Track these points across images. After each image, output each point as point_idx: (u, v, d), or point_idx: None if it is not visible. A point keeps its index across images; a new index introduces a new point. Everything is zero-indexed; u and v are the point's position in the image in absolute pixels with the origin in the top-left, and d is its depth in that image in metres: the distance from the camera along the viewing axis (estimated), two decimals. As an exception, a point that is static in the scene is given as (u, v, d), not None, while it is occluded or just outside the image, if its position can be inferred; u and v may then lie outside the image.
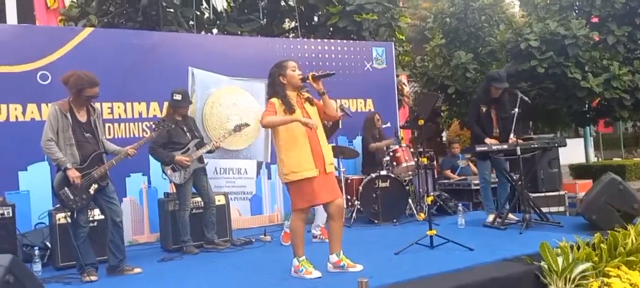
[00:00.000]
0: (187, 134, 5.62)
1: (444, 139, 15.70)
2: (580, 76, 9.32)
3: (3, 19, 11.98)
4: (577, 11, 10.46)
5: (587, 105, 10.67)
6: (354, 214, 6.64)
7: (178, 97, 5.55)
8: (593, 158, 16.39)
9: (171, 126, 5.33)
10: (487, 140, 5.83)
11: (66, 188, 4.46)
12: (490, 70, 6.94)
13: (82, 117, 4.59)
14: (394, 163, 6.80)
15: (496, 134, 6.00)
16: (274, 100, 4.10)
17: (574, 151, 15.61)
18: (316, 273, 4.06)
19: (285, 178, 4.09)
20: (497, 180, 6.32)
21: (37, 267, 4.86)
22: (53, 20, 9.61)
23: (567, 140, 6.47)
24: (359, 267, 4.20)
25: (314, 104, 4.24)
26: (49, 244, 5.29)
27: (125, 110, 6.39)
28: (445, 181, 8.51)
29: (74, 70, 4.60)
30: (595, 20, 10.24)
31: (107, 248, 4.69)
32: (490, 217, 5.97)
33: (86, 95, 4.50)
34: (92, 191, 4.56)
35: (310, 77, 4.10)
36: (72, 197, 4.48)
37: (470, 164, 8.77)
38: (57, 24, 8.97)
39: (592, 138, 16.42)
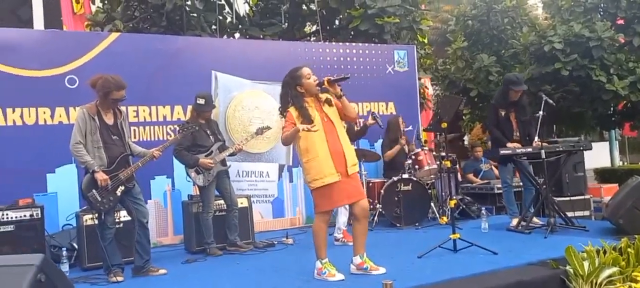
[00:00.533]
0: (210, 137, 5.69)
1: (466, 142, 15.57)
2: (606, 79, 9.17)
3: (30, 25, 12.26)
4: (602, 13, 10.28)
5: (612, 109, 10.50)
6: (376, 218, 6.64)
7: (201, 101, 5.62)
8: (618, 162, 16.09)
9: (195, 128, 5.40)
10: (509, 144, 5.78)
11: (94, 191, 4.55)
12: (507, 74, 6.87)
13: (109, 119, 4.68)
14: (416, 166, 6.79)
15: (516, 137, 5.95)
16: (291, 109, 4.09)
17: (599, 155, 15.34)
18: (339, 276, 4.07)
19: (309, 185, 4.13)
20: (520, 183, 6.25)
21: (64, 267, 4.96)
22: (80, 26, 9.78)
23: (592, 144, 6.38)
24: (382, 270, 4.20)
25: (332, 105, 4.20)
26: (76, 245, 5.39)
27: (149, 114, 6.49)
28: (468, 185, 8.44)
29: (101, 73, 4.68)
30: (620, 22, 10.08)
31: (134, 249, 4.76)
32: (514, 221, 5.92)
33: (113, 98, 4.59)
34: (119, 193, 4.65)
35: (325, 82, 4.10)
36: (99, 199, 4.56)
37: (493, 168, 8.69)
38: (83, 30, 9.13)
39: (617, 142, 16.13)
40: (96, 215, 4.71)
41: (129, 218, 5.01)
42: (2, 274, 2.77)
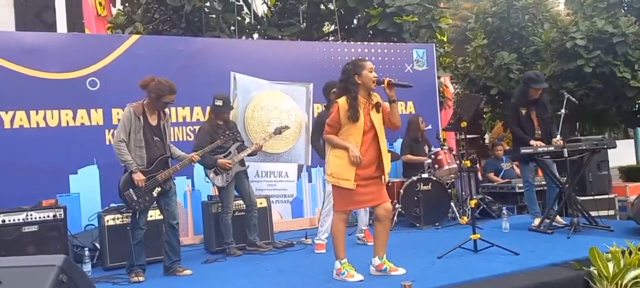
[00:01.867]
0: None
1: (486, 141, 15.42)
2: (630, 75, 9.00)
3: (54, 28, 12.46)
4: (626, 8, 10.11)
5: (637, 106, 10.29)
6: (395, 217, 6.59)
7: (219, 102, 5.64)
8: (644, 160, 15.78)
9: (237, 136, 5.58)
10: (532, 142, 5.70)
11: (131, 190, 4.60)
12: (527, 72, 6.78)
13: (153, 120, 4.73)
14: (436, 166, 6.73)
15: (538, 135, 5.85)
16: (341, 100, 4.04)
17: (624, 153, 15.07)
18: (358, 277, 4.05)
19: (328, 178, 4.14)
20: (542, 183, 6.16)
21: (87, 267, 5.04)
22: (102, 28, 9.90)
23: (617, 142, 6.25)
24: (401, 271, 4.17)
25: (380, 111, 4.13)
26: (98, 245, 5.46)
27: (169, 115, 6.51)
28: (489, 184, 8.35)
29: (153, 75, 4.73)
30: (645, 17, 9.89)
31: (163, 249, 4.81)
32: (536, 221, 5.83)
33: (164, 101, 4.66)
34: (155, 194, 4.69)
35: (386, 82, 4.04)
36: (135, 199, 4.61)
37: (515, 167, 8.58)
38: (105, 32, 9.25)
39: (641, 139, 15.84)
40: (130, 213, 4.79)
41: (153, 219, 5.06)
42: (24, 274, 2.80)
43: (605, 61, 9.03)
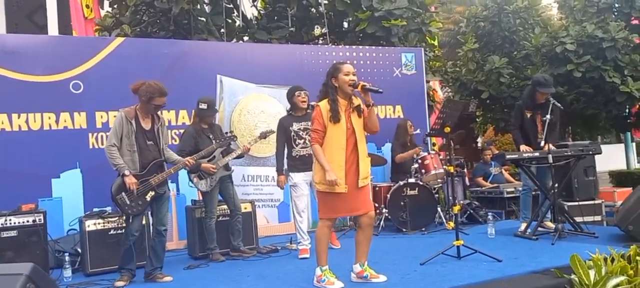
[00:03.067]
0: (213, 141, 5.65)
1: (479, 144, 15.42)
2: (619, 80, 9.02)
3: (46, 30, 12.38)
4: (616, 13, 10.11)
5: (627, 110, 10.30)
6: (382, 222, 6.56)
7: (204, 105, 5.59)
8: (635, 165, 15.79)
9: (234, 138, 5.52)
10: (523, 147, 5.68)
11: (123, 194, 4.55)
12: (536, 75, 6.75)
13: (146, 125, 4.69)
14: (423, 170, 6.70)
15: (541, 139, 5.80)
16: (322, 103, 4.05)
17: (616, 157, 15.07)
18: (338, 284, 4.01)
19: (316, 186, 4.12)
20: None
21: (67, 272, 4.98)
22: (89, 31, 9.85)
23: (609, 146, 6.27)
24: (382, 278, 4.14)
25: (361, 115, 4.11)
26: (79, 250, 5.39)
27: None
28: (477, 189, 8.32)
29: (143, 79, 4.70)
30: (635, 22, 9.89)
31: (147, 254, 4.76)
32: (523, 226, 5.80)
33: (155, 104, 4.61)
34: (148, 198, 4.64)
35: (360, 86, 4.01)
36: (128, 203, 4.56)
37: (503, 172, 8.57)
38: (93, 34, 9.19)
39: (634, 144, 15.83)
40: (111, 218, 4.79)
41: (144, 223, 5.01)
42: (-9, 283, 2.76)
43: (595, 66, 9.04)
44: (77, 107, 6.05)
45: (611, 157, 14.74)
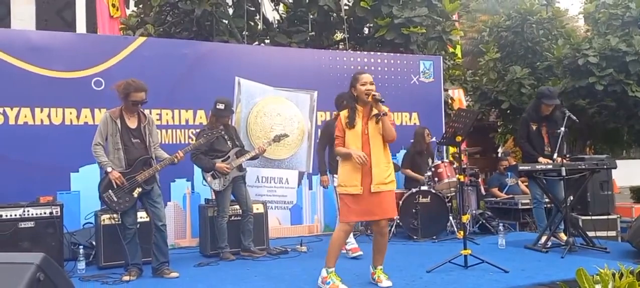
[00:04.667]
0: (228, 142, 5.74)
1: (499, 155, 15.28)
2: (642, 94, 8.88)
3: (74, 27, 12.67)
4: (641, 27, 9.96)
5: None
6: (394, 229, 6.57)
7: (221, 106, 5.67)
8: (659, 182, 15.47)
9: (221, 132, 5.49)
10: (541, 159, 5.64)
11: (110, 191, 4.67)
12: (540, 87, 6.73)
13: (132, 123, 4.81)
14: (436, 178, 6.69)
15: (548, 152, 5.79)
16: (343, 113, 4.25)
17: (637, 173, 14.81)
18: (342, 287, 4.05)
19: (338, 189, 4.29)
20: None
21: (81, 265, 5.09)
22: (115, 29, 10.06)
23: (633, 162, 6.16)
24: (387, 283, 4.20)
25: (379, 123, 4.19)
26: (94, 243, 5.53)
27: (172, 117, 6.61)
28: (492, 199, 8.27)
29: (125, 79, 4.82)
30: (661, 36, 9.71)
31: (151, 251, 4.86)
32: (543, 239, 5.73)
33: (132, 100, 4.71)
34: (135, 194, 4.75)
35: (371, 97, 4.13)
36: (115, 199, 4.68)
37: (520, 182, 8.49)
38: (118, 33, 9.39)
39: (658, 160, 15.53)
40: (117, 215, 4.85)
41: (145, 220, 5.11)
42: (1, 272, 2.85)
43: (618, 80, 8.93)
44: (98, 103, 6.20)
45: (634, 173, 14.49)
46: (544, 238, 5.64)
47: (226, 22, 8.98)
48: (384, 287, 4.14)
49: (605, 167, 5.60)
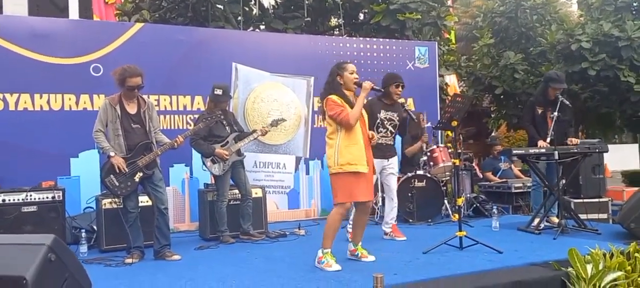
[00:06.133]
0: (227, 127, 5.82)
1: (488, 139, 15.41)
2: (634, 80, 8.98)
3: (66, 13, 12.64)
4: (634, 12, 10.04)
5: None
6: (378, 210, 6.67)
7: (219, 91, 5.74)
8: (651, 166, 15.68)
9: (220, 117, 5.56)
10: (541, 143, 5.74)
11: (112, 176, 4.75)
12: (549, 71, 6.82)
13: (131, 109, 4.87)
14: (431, 163, 6.80)
15: (551, 136, 5.88)
16: (333, 96, 4.31)
17: (631, 157, 14.99)
18: (336, 267, 4.16)
19: (340, 168, 4.22)
20: None
21: (83, 248, 5.18)
22: (110, 15, 10.07)
23: (625, 146, 6.30)
24: (371, 258, 4.45)
25: (367, 110, 4.52)
26: (95, 227, 5.61)
27: (170, 103, 6.67)
28: (486, 183, 8.40)
29: (130, 65, 4.87)
30: (654, 22, 9.81)
31: (153, 234, 4.95)
32: (536, 221, 5.85)
33: (128, 85, 4.77)
34: (137, 179, 4.83)
35: (368, 86, 4.33)
36: (117, 184, 4.76)
37: (513, 167, 8.62)
38: (113, 19, 9.40)
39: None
40: (121, 199, 4.92)
41: (146, 204, 5.19)
42: (14, 252, 2.93)
43: (610, 65, 9.01)
44: (97, 89, 6.25)
45: (626, 157, 14.67)
46: (536, 221, 5.77)
47: (221, 7, 8.99)
48: (368, 261, 4.41)
49: (597, 150, 5.72)
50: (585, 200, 6.60)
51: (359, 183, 4.25)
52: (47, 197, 5.25)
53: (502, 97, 11.04)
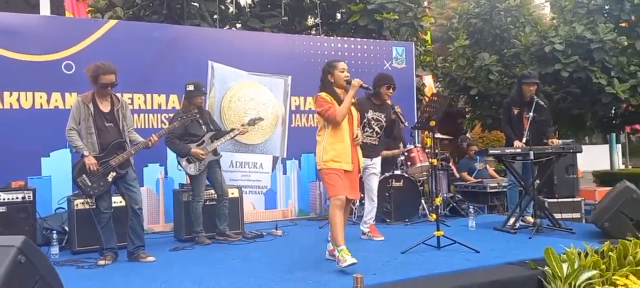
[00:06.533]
0: (203, 126, 5.73)
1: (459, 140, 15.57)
2: (606, 81, 9.15)
3: (37, 9, 12.34)
4: (606, 15, 10.24)
5: (614, 112, 10.46)
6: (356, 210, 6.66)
7: (190, 87, 5.64)
8: (620, 166, 16.03)
9: (196, 116, 5.46)
10: (516, 143, 5.79)
11: (84, 176, 4.64)
12: (522, 71, 6.91)
13: (104, 107, 4.76)
14: (409, 163, 6.82)
15: (528, 136, 5.94)
16: (323, 94, 4.36)
17: (601, 158, 15.30)
18: (351, 260, 4.01)
19: (324, 165, 4.28)
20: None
21: (54, 250, 5.05)
22: (83, 12, 9.86)
23: (595, 147, 6.41)
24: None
25: (358, 109, 4.57)
26: (67, 228, 5.47)
27: (144, 102, 6.55)
28: (461, 183, 8.47)
29: (104, 61, 4.76)
30: (624, 24, 10.02)
31: (127, 234, 4.84)
32: (511, 220, 5.90)
33: (102, 82, 4.66)
34: (110, 178, 4.72)
35: (357, 83, 4.34)
36: (89, 184, 4.65)
37: (488, 167, 8.71)
38: (85, 15, 9.21)
39: (619, 145, 16.07)
40: (91, 199, 4.80)
41: (120, 204, 5.08)
42: (-19, 254, 2.83)
43: (583, 66, 9.17)
44: (69, 87, 6.10)
45: (597, 158, 14.97)
46: (512, 220, 5.82)
47: (197, 5, 8.87)
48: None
49: (571, 151, 5.80)
50: (559, 200, 6.69)
51: (342, 180, 4.26)
52: (17, 198, 5.12)
53: (476, 97, 11.15)
